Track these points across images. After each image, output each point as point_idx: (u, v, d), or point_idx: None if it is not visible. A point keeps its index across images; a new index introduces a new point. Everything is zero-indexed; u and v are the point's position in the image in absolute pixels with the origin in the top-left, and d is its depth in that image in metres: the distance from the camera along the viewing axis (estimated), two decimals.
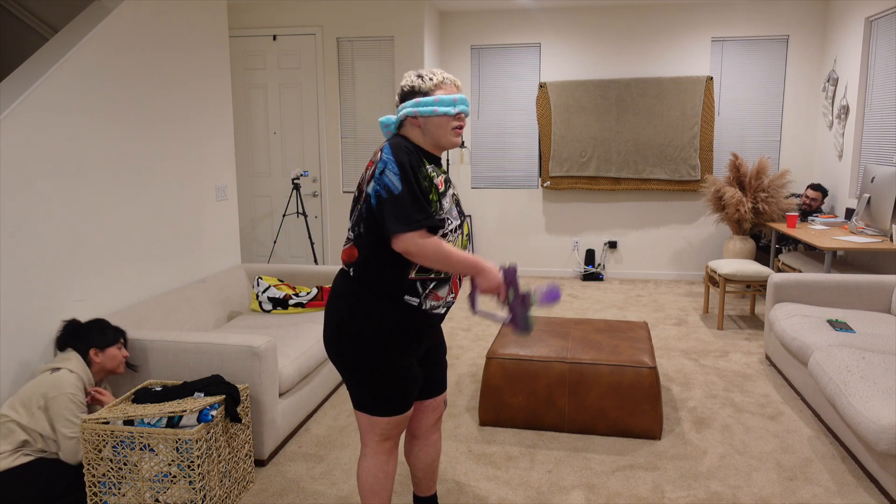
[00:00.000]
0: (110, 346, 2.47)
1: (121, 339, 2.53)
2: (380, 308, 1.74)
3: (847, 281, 3.57)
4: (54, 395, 2.21)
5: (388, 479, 1.90)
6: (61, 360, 2.36)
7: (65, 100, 2.68)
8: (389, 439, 1.87)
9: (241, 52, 5.93)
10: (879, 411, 2.26)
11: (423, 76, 1.76)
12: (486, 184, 6.41)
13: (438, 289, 1.79)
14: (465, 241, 1.85)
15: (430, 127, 1.75)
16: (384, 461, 1.88)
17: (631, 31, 5.95)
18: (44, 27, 4.00)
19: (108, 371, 2.48)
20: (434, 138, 1.77)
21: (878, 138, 4.74)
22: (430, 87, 1.75)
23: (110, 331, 2.50)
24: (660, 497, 2.38)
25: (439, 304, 1.81)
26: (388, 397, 1.80)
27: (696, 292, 5.64)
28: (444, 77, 1.77)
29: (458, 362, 3.85)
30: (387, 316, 1.74)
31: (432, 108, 1.72)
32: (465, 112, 1.78)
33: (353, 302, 1.76)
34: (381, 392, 1.79)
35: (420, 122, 1.76)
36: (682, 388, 3.42)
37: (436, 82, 1.76)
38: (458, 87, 1.79)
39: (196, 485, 2.11)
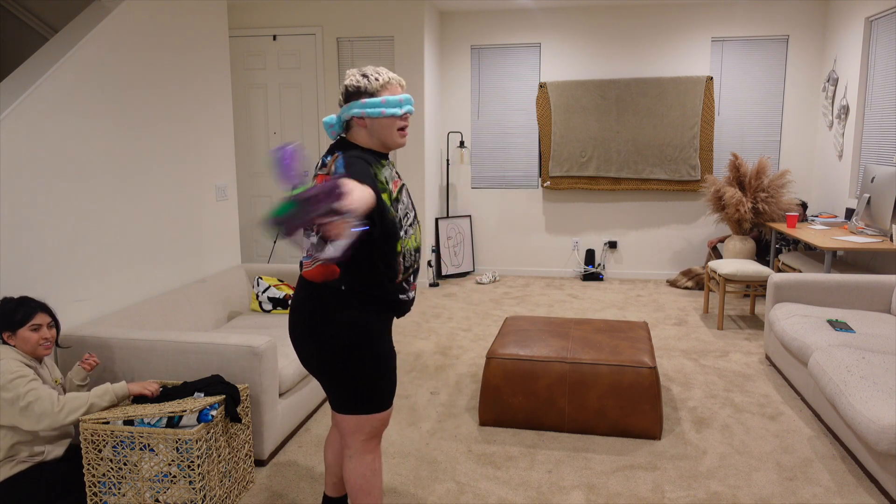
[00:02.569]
0: (21, 328, 2.20)
1: (35, 319, 2.22)
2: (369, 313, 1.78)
3: (847, 281, 3.57)
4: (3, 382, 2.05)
5: (376, 477, 1.93)
6: None
7: (65, 100, 2.68)
8: (375, 437, 1.90)
9: (241, 52, 5.93)
10: (879, 411, 2.26)
11: (369, 76, 1.75)
12: (486, 184, 6.41)
13: (413, 279, 1.88)
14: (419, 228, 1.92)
15: (377, 128, 1.75)
16: (370, 459, 1.91)
17: (631, 31, 5.95)
18: (44, 27, 4.00)
19: (30, 354, 2.22)
20: (380, 138, 1.78)
21: (878, 138, 4.74)
22: (377, 88, 1.74)
23: (21, 311, 2.21)
24: (660, 497, 2.38)
25: (415, 291, 1.92)
26: (383, 392, 1.85)
27: (696, 292, 5.64)
28: (389, 77, 1.77)
29: (458, 362, 3.85)
30: (379, 315, 1.81)
31: (380, 109, 1.72)
32: (411, 112, 1.80)
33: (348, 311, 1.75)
34: (377, 389, 1.83)
35: (367, 123, 1.76)
36: (682, 388, 3.42)
37: (382, 83, 1.75)
38: (402, 87, 1.81)
39: (196, 485, 2.12)
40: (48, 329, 2.26)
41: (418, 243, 1.85)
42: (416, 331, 4.52)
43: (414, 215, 1.85)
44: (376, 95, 1.74)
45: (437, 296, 5.58)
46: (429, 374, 3.65)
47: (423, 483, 2.49)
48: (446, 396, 3.33)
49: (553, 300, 5.39)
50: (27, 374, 2.11)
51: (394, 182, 1.77)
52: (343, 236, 1.30)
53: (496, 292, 5.71)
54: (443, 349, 4.11)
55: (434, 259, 6.14)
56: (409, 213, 1.81)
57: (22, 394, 2.06)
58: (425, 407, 3.20)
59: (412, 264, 1.83)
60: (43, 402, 2.07)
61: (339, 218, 1.28)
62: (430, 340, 4.30)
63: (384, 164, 1.78)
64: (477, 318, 4.86)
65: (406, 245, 1.79)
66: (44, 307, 2.27)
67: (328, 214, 1.27)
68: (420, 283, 5.92)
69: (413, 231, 1.82)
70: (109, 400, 2.22)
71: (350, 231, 1.30)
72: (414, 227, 1.83)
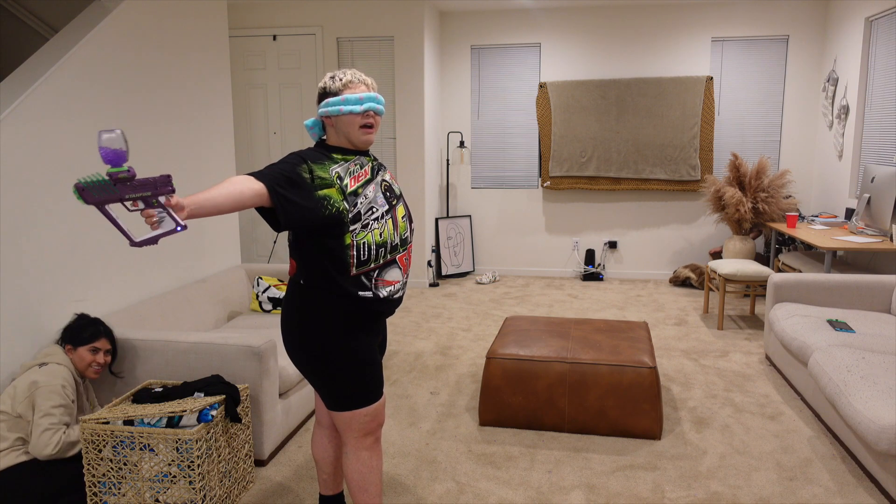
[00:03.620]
0: (82, 346, 2.38)
1: (97, 343, 2.40)
2: (330, 309, 1.80)
3: (847, 281, 3.57)
4: (44, 382, 2.18)
5: (374, 474, 1.93)
6: (45, 356, 2.31)
7: (65, 100, 2.68)
8: (369, 434, 1.91)
9: (241, 52, 5.93)
10: (879, 411, 2.26)
11: (334, 77, 1.83)
12: (486, 184, 6.41)
13: (385, 274, 1.85)
14: (403, 224, 1.90)
15: (341, 125, 1.82)
16: (367, 457, 1.92)
17: (631, 31, 5.95)
18: (44, 27, 4.00)
19: (80, 371, 2.39)
20: (345, 136, 1.84)
21: (878, 138, 4.74)
22: (339, 88, 1.82)
23: (89, 331, 2.40)
24: (660, 497, 2.38)
25: (395, 287, 1.88)
26: (363, 386, 1.85)
27: (696, 292, 5.64)
28: (352, 77, 1.83)
29: (458, 362, 3.85)
30: (343, 312, 1.81)
31: (338, 107, 1.79)
32: (374, 110, 1.82)
33: (309, 306, 1.82)
34: (355, 384, 1.84)
35: (332, 122, 1.83)
36: (682, 388, 3.42)
37: (344, 82, 1.82)
38: (368, 86, 1.85)
39: (196, 485, 2.11)
40: (104, 355, 2.42)
41: (385, 239, 1.82)
42: (416, 331, 4.52)
43: (385, 211, 1.84)
44: (339, 95, 1.82)
45: (437, 296, 5.58)
46: (429, 374, 3.65)
47: (423, 483, 2.49)
48: (446, 396, 3.33)
49: (553, 300, 5.39)
50: (68, 404, 2.24)
51: (354, 177, 1.80)
52: (154, 227, 1.43)
53: (496, 292, 5.71)
54: (443, 349, 4.11)
55: (434, 259, 6.14)
56: (377, 209, 1.82)
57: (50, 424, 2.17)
58: (425, 407, 3.20)
59: (374, 259, 1.81)
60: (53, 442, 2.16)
61: (156, 209, 1.42)
62: (430, 340, 4.30)
63: (340, 160, 1.81)
64: (477, 318, 4.86)
65: (364, 238, 1.78)
66: (109, 334, 2.46)
67: (138, 200, 1.41)
68: (420, 283, 5.92)
69: (379, 226, 1.81)
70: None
71: (162, 224, 1.43)
72: (381, 223, 1.82)
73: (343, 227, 1.75)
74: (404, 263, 1.92)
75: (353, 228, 1.77)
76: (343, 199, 1.76)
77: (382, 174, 1.91)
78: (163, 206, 1.43)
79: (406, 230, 1.91)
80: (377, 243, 1.81)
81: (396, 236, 1.86)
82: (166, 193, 1.43)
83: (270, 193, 1.64)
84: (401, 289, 1.91)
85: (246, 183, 1.62)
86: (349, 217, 1.76)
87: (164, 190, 1.42)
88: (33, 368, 2.26)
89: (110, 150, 1.39)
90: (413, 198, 5.83)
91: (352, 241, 1.77)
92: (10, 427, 2.17)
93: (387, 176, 1.94)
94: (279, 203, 1.65)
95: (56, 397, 2.19)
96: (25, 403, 2.17)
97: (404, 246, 1.91)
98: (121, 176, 1.39)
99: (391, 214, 1.86)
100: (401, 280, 1.90)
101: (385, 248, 1.83)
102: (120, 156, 1.39)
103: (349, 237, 1.77)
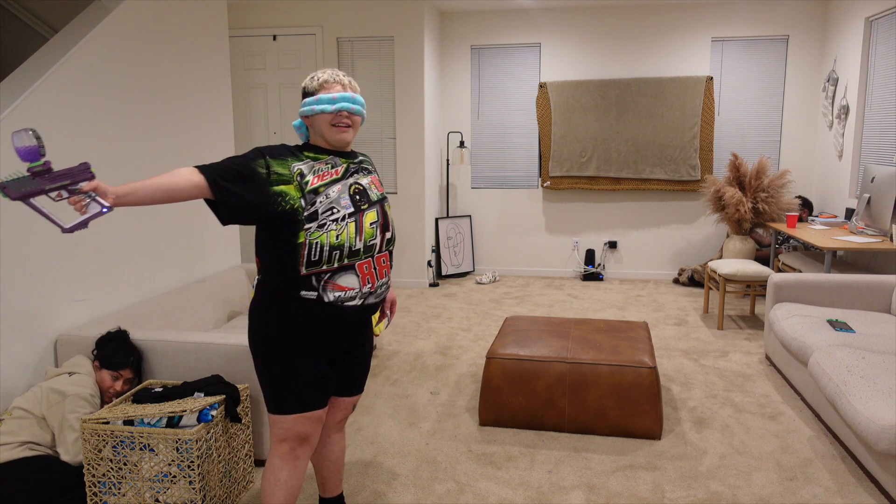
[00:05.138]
0: (107, 370, 2.44)
1: (122, 371, 2.45)
2: (279, 305, 1.78)
3: (847, 281, 3.57)
4: (73, 392, 2.28)
5: (279, 489, 1.85)
6: (74, 366, 2.43)
7: (65, 100, 2.68)
8: (284, 441, 1.84)
9: (241, 52, 5.93)
10: (879, 411, 2.26)
11: (314, 77, 1.85)
12: (486, 184, 6.41)
13: (338, 279, 1.78)
14: (371, 230, 1.82)
15: (316, 125, 1.83)
16: (278, 466, 1.85)
17: (631, 31, 5.95)
18: (44, 27, 4.00)
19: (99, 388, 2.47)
20: (321, 135, 1.84)
21: (878, 138, 4.74)
22: (315, 88, 1.83)
23: (118, 357, 2.46)
24: (660, 497, 2.38)
25: (346, 294, 1.79)
26: (278, 393, 1.81)
27: (696, 292, 5.65)
28: (329, 77, 1.83)
29: (458, 362, 3.85)
30: (287, 313, 1.78)
31: (311, 107, 1.80)
32: (346, 109, 1.81)
33: (258, 302, 1.82)
34: (272, 388, 1.81)
35: (310, 122, 1.85)
36: (682, 388, 3.42)
37: (320, 82, 1.83)
38: (345, 86, 1.84)
39: (196, 485, 2.11)
40: (123, 384, 2.47)
41: (342, 242, 1.75)
42: (416, 331, 4.52)
43: (350, 213, 1.78)
44: (315, 95, 1.83)
45: (437, 296, 5.59)
46: (429, 374, 3.65)
47: (423, 483, 2.49)
48: (446, 396, 3.33)
49: (553, 300, 5.39)
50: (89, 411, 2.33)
51: (318, 175, 1.78)
52: (83, 212, 1.52)
53: (496, 292, 5.71)
54: (443, 349, 4.11)
55: (434, 259, 6.14)
56: (338, 210, 1.77)
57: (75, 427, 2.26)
58: (425, 407, 3.20)
59: (327, 261, 1.75)
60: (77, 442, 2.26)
61: (79, 196, 1.51)
62: (430, 340, 4.30)
63: (305, 158, 1.80)
64: (477, 318, 4.86)
65: (317, 238, 1.74)
66: (136, 364, 2.52)
67: (62, 189, 1.50)
68: (420, 283, 5.92)
69: (337, 228, 1.75)
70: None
71: (88, 209, 1.52)
72: (341, 225, 1.76)
73: (297, 224, 1.73)
74: (365, 272, 1.82)
75: (308, 227, 1.74)
76: (301, 196, 1.74)
77: (359, 177, 1.87)
78: (85, 191, 1.51)
79: (374, 237, 1.82)
80: (332, 245, 1.75)
81: (359, 242, 1.79)
82: (86, 180, 1.52)
83: (211, 186, 1.66)
84: (356, 297, 1.81)
85: (186, 175, 1.64)
86: (304, 215, 1.73)
87: (83, 177, 1.52)
88: (63, 376, 2.36)
89: (24, 149, 1.49)
90: (413, 198, 5.83)
91: (304, 240, 1.74)
92: (28, 426, 2.23)
93: (364, 180, 1.88)
94: (220, 196, 1.66)
95: (87, 406, 2.30)
96: (54, 410, 2.25)
97: (368, 253, 1.82)
98: (38, 170, 1.49)
99: (356, 218, 1.79)
100: (357, 288, 1.80)
101: (341, 251, 1.76)
102: (33, 151, 1.49)
103: (303, 235, 1.74)
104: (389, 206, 1.96)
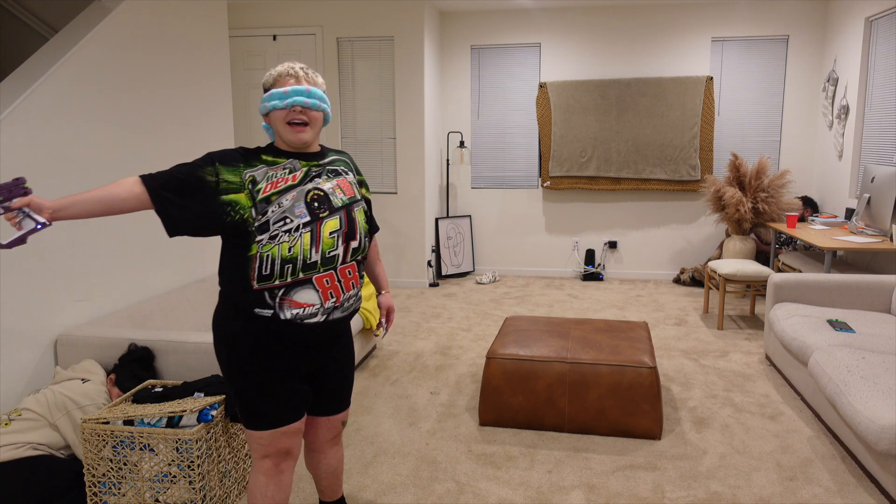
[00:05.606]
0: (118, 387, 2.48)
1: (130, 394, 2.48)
2: (238, 321, 1.68)
3: (847, 281, 3.57)
4: (86, 404, 2.30)
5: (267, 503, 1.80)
6: (87, 372, 2.45)
7: (64, 100, 2.68)
8: (267, 457, 1.77)
9: (241, 52, 5.93)
10: (879, 411, 2.26)
11: (270, 72, 1.72)
12: (486, 184, 6.41)
13: (293, 294, 1.64)
14: (330, 241, 1.68)
15: (272, 122, 1.71)
16: (263, 483, 1.78)
17: (631, 31, 5.95)
18: (44, 27, 4.00)
19: None
20: (278, 134, 1.71)
21: (878, 138, 4.74)
22: (270, 84, 1.71)
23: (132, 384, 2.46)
24: (660, 497, 2.38)
25: (306, 311, 1.66)
26: (252, 409, 1.72)
27: (696, 292, 5.65)
28: (283, 70, 1.70)
29: (458, 362, 3.86)
30: (247, 330, 1.67)
31: (264, 104, 1.68)
32: (300, 104, 1.66)
33: (219, 319, 1.73)
34: (244, 405, 1.72)
35: (269, 121, 1.72)
36: (682, 388, 3.42)
37: (274, 77, 1.70)
38: (298, 78, 1.69)
39: (196, 485, 2.11)
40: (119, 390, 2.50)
41: (294, 255, 1.62)
42: (416, 331, 4.52)
43: (304, 223, 1.64)
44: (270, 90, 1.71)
45: (437, 296, 5.59)
46: (429, 374, 3.65)
47: (423, 483, 2.49)
48: (446, 396, 3.33)
49: (553, 300, 5.39)
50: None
51: (272, 182, 1.65)
52: (18, 229, 1.49)
53: (496, 292, 5.71)
54: (443, 349, 4.11)
55: (434, 259, 6.14)
56: (292, 220, 1.63)
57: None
58: (425, 407, 3.20)
59: (279, 276, 1.62)
60: None
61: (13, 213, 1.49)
62: (430, 340, 4.30)
63: (258, 165, 1.67)
64: (477, 318, 4.86)
65: (269, 251, 1.61)
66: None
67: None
68: (420, 283, 5.92)
69: (290, 239, 1.62)
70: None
71: (23, 225, 1.49)
72: (294, 236, 1.62)
73: (248, 236, 1.61)
74: (326, 286, 1.67)
75: (260, 239, 1.61)
76: (252, 205, 1.62)
77: (320, 182, 1.72)
78: (16, 208, 1.49)
79: (334, 248, 1.67)
80: (283, 258, 1.61)
81: (315, 253, 1.64)
82: (19, 195, 1.50)
83: (153, 198, 1.57)
84: (318, 314, 1.67)
85: (128, 186, 1.56)
86: (255, 226, 1.61)
87: (17, 193, 1.50)
88: (76, 382, 2.37)
89: None
90: (413, 198, 5.83)
91: (256, 252, 1.61)
92: (37, 428, 2.23)
93: (327, 184, 1.72)
94: (162, 208, 1.57)
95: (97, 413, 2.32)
96: (66, 418, 2.27)
97: (329, 265, 1.67)
98: None
99: (311, 228, 1.65)
100: (317, 304, 1.66)
101: (294, 264, 1.62)
102: None
103: (255, 247, 1.61)
104: (364, 211, 1.80)
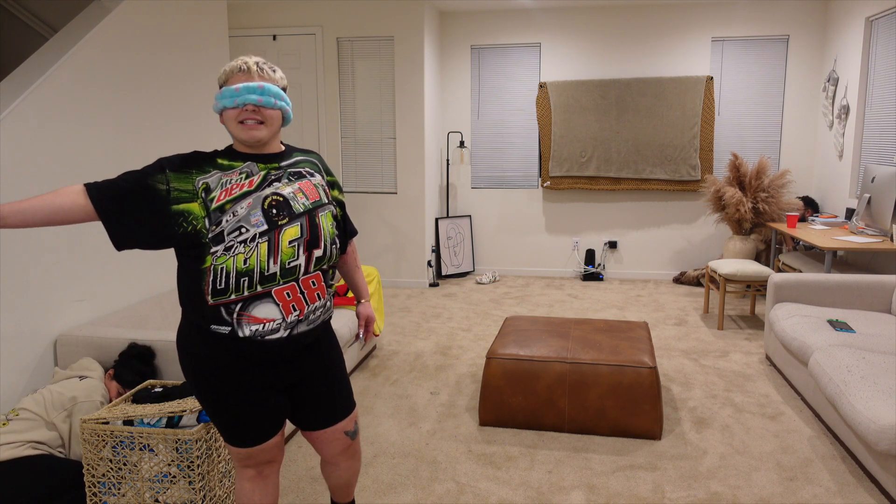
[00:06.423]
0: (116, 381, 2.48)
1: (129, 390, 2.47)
2: (198, 339, 1.57)
3: (847, 281, 3.57)
4: (84, 400, 2.29)
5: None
6: (84, 369, 2.45)
7: (64, 100, 2.68)
8: (248, 467, 1.71)
9: (240, 52, 5.93)
10: (879, 411, 2.26)
11: (223, 67, 1.60)
12: (486, 184, 6.41)
13: (251, 309, 1.52)
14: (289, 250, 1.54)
15: (225, 123, 1.57)
16: (249, 489, 1.73)
17: (631, 31, 5.95)
18: (44, 27, 4.00)
19: None
20: (232, 134, 1.57)
21: (878, 138, 4.74)
22: (223, 81, 1.58)
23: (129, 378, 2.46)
24: (660, 497, 2.37)
25: (266, 327, 1.53)
26: (224, 428, 1.65)
27: (696, 292, 5.64)
28: (234, 66, 1.56)
29: (458, 362, 3.86)
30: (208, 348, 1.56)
31: (215, 102, 1.55)
32: (251, 102, 1.51)
33: (180, 336, 1.63)
34: (221, 425, 1.65)
35: (222, 120, 1.58)
36: (682, 388, 3.42)
37: (227, 73, 1.57)
38: (251, 74, 1.55)
39: (196, 485, 2.11)
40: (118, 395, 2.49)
41: (250, 267, 1.50)
42: (416, 331, 4.52)
43: (261, 232, 1.51)
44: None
45: (436, 296, 5.59)
46: (429, 374, 3.65)
47: (423, 483, 2.49)
48: (446, 396, 3.33)
49: (553, 300, 5.39)
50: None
51: (226, 189, 1.52)
52: None
53: (496, 292, 5.71)
54: (443, 349, 4.11)
55: (434, 259, 6.14)
56: (247, 229, 1.51)
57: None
58: (425, 407, 3.20)
59: (235, 290, 1.50)
60: None
61: None
62: (430, 340, 4.30)
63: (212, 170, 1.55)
64: (477, 318, 4.86)
65: (223, 263, 1.49)
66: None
67: None
68: (420, 283, 5.92)
69: (246, 250, 1.50)
70: None
71: None
72: (250, 247, 1.50)
73: (202, 248, 1.49)
74: (287, 299, 1.54)
75: (215, 250, 1.49)
76: (205, 215, 1.50)
77: (280, 186, 1.58)
78: None
79: (294, 257, 1.54)
80: (238, 271, 1.49)
81: (273, 265, 1.51)
82: None
83: (97, 209, 1.45)
84: (280, 329, 1.54)
85: (71, 196, 1.44)
86: (209, 237, 1.49)
87: None
88: (73, 380, 2.37)
89: None
90: (413, 198, 5.83)
91: (210, 265, 1.49)
92: (34, 427, 2.23)
93: (288, 189, 1.58)
94: (107, 220, 1.46)
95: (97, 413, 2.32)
96: (64, 416, 2.27)
97: (289, 277, 1.54)
98: None
99: (269, 237, 1.52)
100: (279, 318, 1.53)
101: (250, 277, 1.50)
102: None
103: (209, 260, 1.49)
104: (332, 215, 1.66)
